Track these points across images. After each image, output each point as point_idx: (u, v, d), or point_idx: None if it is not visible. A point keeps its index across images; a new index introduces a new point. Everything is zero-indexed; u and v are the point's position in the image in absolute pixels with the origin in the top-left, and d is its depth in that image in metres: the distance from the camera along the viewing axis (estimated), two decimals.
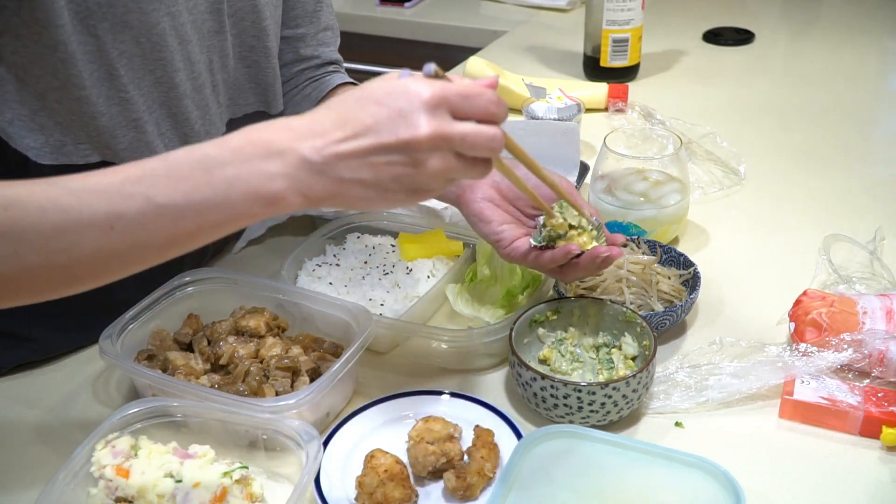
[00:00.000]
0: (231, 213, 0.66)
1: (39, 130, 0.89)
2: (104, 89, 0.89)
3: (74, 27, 0.84)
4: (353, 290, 1.04)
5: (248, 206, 0.66)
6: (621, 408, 0.86)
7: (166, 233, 0.66)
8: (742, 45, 1.90)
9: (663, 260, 1.06)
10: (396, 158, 0.66)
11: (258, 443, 0.84)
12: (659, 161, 1.16)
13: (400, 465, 0.82)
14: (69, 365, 1.00)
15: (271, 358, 0.91)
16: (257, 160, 0.65)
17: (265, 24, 1.05)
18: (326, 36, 1.15)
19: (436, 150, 0.66)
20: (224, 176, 0.65)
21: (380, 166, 0.66)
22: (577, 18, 1.89)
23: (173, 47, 0.92)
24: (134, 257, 0.67)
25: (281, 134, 0.66)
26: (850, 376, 0.91)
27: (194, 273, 1.00)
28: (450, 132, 0.66)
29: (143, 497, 0.78)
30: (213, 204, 0.65)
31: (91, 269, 0.67)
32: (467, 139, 0.66)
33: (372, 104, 0.66)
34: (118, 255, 0.66)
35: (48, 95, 0.88)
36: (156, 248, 0.67)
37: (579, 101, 1.43)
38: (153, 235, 0.66)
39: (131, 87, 0.91)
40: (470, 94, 0.67)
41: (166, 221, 0.65)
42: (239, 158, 0.65)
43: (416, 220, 1.14)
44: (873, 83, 1.73)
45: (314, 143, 0.65)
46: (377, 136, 0.65)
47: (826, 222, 1.21)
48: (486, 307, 1.02)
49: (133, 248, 0.66)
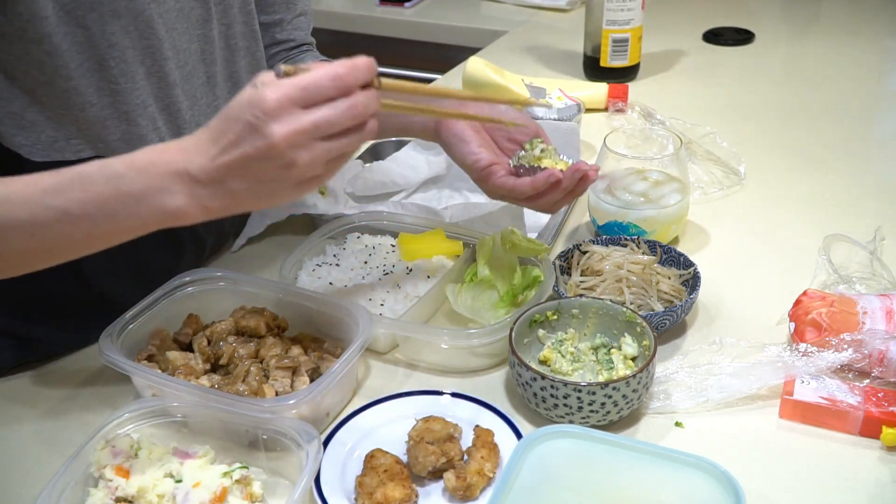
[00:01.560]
0: (140, 223, 0.74)
1: (30, 127, 0.89)
2: (94, 80, 0.89)
3: (60, 19, 0.84)
4: (353, 290, 1.04)
5: (156, 219, 0.74)
6: (621, 408, 0.86)
7: (82, 236, 0.75)
8: (742, 45, 1.90)
9: (663, 260, 1.06)
10: (267, 164, 0.70)
11: (258, 443, 0.84)
12: (659, 161, 1.16)
13: (400, 465, 0.82)
14: (69, 365, 1.00)
15: (271, 358, 0.91)
16: (158, 179, 0.72)
17: (250, 9, 1.06)
18: (301, 21, 1.17)
19: (297, 146, 0.69)
20: (131, 193, 0.72)
21: (257, 173, 0.71)
22: (577, 18, 1.89)
23: (161, 35, 0.92)
24: (56, 254, 0.78)
25: (175, 156, 0.72)
26: (850, 376, 0.91)
27: (194, 273, 1.00)
28: (300, 127, 0.69)
29: (143, 497, 0.78)
30: (124, 215, 0.73)
31: (18, 263, 0.78)
32: (321, 125, 0.69)
33: (232, 120, 0.70)
34: (41, 252, 0.76)
35: (37, 91, 0.87)
36: (75, 248, 0.77)
37: (579, 101, 1.43)
38: (71, 240, 0.75)
39: (122, 77, 0.90)
40: (308, 84, 0.69)
41: (81, 229, 0.74)
42: (143, 178, 0.72)
43: (416, 220, 1.14)
44: (873, 83, 1.73)
45: (199, 161, 0.71)
46: (241, 149, 0.70)
47: (826, 222, 1.21)
48: (486, 307, 1.02)
49: (53, 248, 0.76)
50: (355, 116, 0.71)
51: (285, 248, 1.15)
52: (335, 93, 0.70)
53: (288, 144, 0.69)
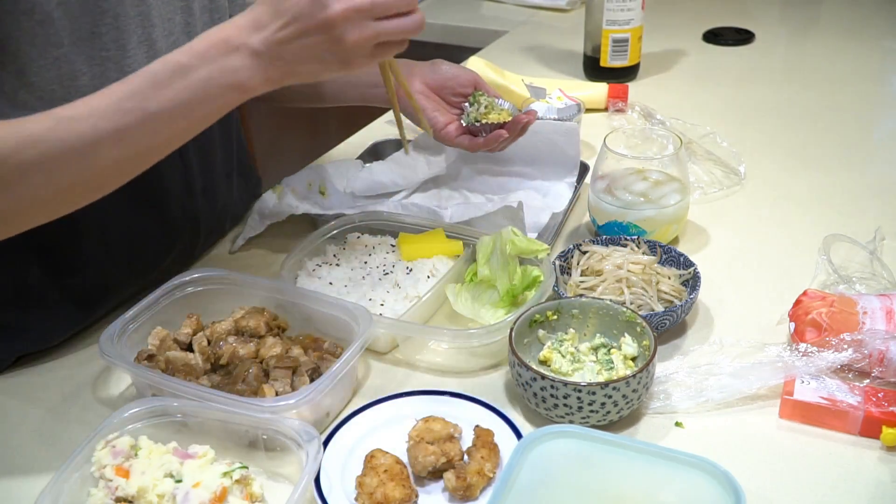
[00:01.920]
0: (213, 107, 0.80)
1: (21, 109, 0.89)
2: (85, 48, 0.88)
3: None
4: (353, 290, 1.04)
5: (225, 98, 0.79)
6: (621, 408, 0.86)
7: (164, 134, 0.80)
8: (742, 45, 1.90)
9: (663, 260, 1.06)
10: (321, 37, 0.78)
11: (258, 443, 0.84)
12: (659, 161, 1.16)
13: (400, 465, 0.82)
14: (69, 365, 1.00)
15: (271, 358, 0.91)
16: (221, 59, 0.78)
17: None
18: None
19: (350, 22, 0.77)
20: (199, 78, 0.78)
21: (311, 46, 0.78)
22: (577, 18, 1.89)
23: (150, 1, 0.93)
24: (143, 159, 0.82)
25: (233, 32, 0.79)
26: (850, 376, 0.91)
27: (194, 273, 1.00)
28: (358, 4, 0.77)
29: (143, 497, 0.78)
30: (196, 102, 0.78)
31: (112, 176, 0.82)
32: (377, 5, 0.78)
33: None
34: (131, 160, 0.81)
35: (27, 68, 0.86)
36: (158, 147, 0.82)
37: (579, 101, 1.43)
38: (154, 139, 0.80)
39: (112, 45, 0.90)
40: None
41: (161, 125, 0.79)
42: (206, 61, 0.78)
43: (416, 220, 1.14)
44: (873, 83, 1.73)
45: (259, 35, 0.78)
46: (301, 22, 0.77)
47: (826, 222, 1.21)
48: (486, 307, 1.02)
49: (140, 152, 0.81)
50: (409, 3, 0.80)
51: (285, 248, 1.15)
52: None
53: (343, 19, 0.77)
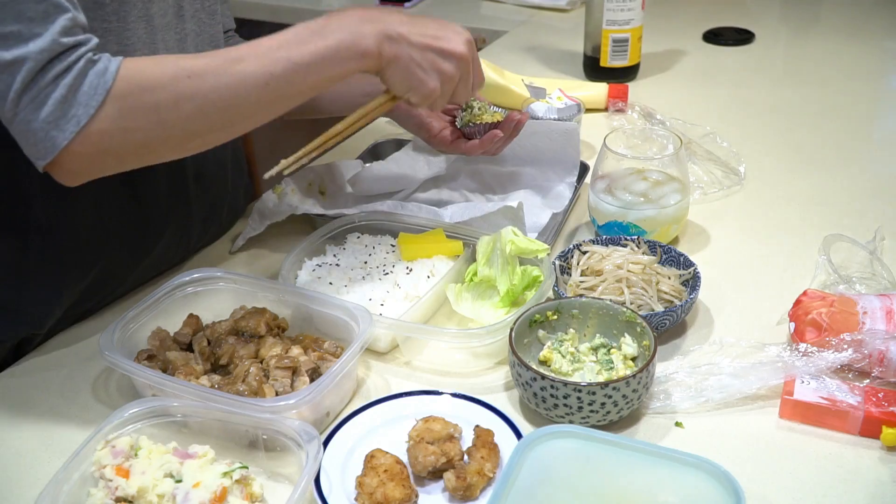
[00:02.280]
0: (339, 69, 0.91)
1: None
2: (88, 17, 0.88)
3: None
4: (353, 290, 1.04)
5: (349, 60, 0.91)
6: (621, 408, 0.86)
7: (298, 86, 0.90)
8: (742, 45, 1.90)
9: (663, 260, 1.06)
10: (432, 56, 0.95)
11: (258, 443, 0.84)
12: (659, 161, 1.16)
13: (400, 465, 0.82)
14: (69, 365, 1.00)
15: (271, 358, 0.91)
16: (356, 24, 0.91)
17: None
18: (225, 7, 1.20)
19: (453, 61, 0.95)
20: (335, 38, 0.89)
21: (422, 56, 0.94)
22: (577, 18, 1.89)
23: None
24: (276, 107, 0.91)
25: (372, 12, 0.93)
26: (850, 376, 0.91)
27: (194, 273, 1.01)
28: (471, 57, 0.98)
29: (143, 497, 0.78)
30: (328, 60, 0.89)
31: (251, 117, 0.90)
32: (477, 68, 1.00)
33: (434, 22, 0.97)
34: (271, 103, 0.89)
35: None
36: (289, 98, 0.91)
37: (579, 101, 1.43)
38: (291, 88, 0.89)
39: (114, 16, 0.91)
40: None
41: (300, 76, 0.89)
42: (343, 25, 0.90)
43: (416, 220, 1.14)
44: (873, 83, 1.73)
45: (395, 21, 0.93)
46: (435, 40, 0.95)
47: (826, 222, 1.21)
48: (486, 307, 1.02)
49: (277, 99, 0.89)
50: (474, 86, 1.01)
51: (285, 248, 1.15)
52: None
53: (457, 57, 0.95)
